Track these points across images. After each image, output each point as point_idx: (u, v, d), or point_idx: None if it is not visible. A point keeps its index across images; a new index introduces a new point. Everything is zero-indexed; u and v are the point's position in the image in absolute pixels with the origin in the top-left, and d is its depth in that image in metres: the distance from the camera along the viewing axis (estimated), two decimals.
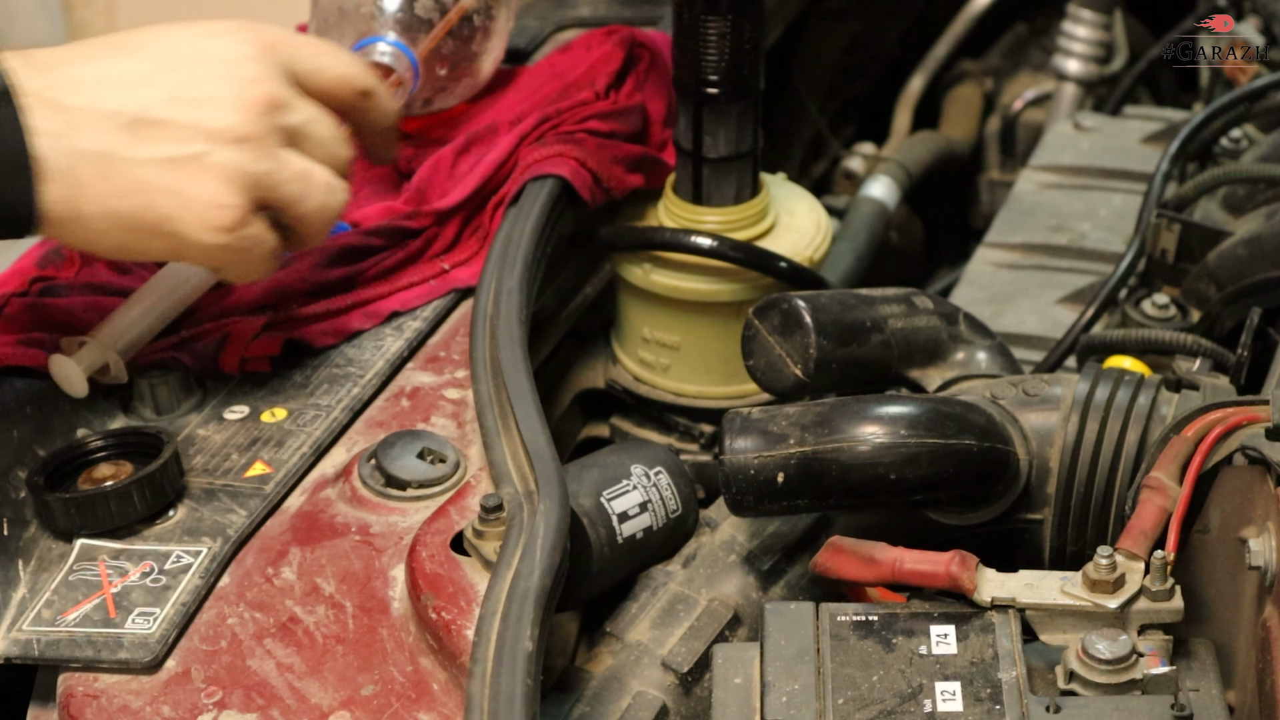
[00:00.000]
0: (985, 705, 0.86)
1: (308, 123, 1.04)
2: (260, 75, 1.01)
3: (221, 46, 1.02)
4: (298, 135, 1.03)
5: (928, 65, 1.96)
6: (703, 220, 1.26)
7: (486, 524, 0.96)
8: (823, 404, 1.02)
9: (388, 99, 1.14)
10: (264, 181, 1.01)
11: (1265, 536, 0.87)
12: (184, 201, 0.98)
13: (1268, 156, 1.37)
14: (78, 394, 1.08)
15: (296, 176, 1.02)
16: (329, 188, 1.05)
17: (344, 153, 1.07)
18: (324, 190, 1.04)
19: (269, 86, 1.01)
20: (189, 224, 0.99)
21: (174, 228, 0.99)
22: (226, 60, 1.01)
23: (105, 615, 0.96)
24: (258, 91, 1.01)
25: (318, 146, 1.05)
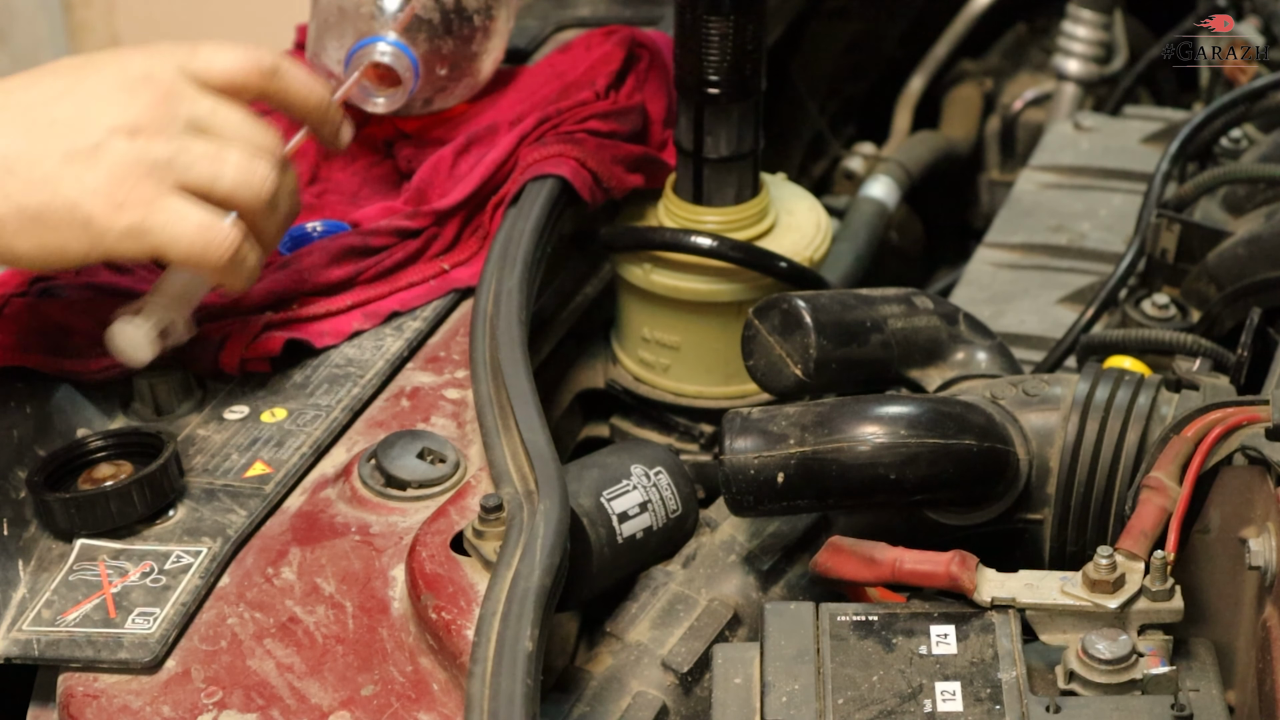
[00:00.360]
0: (985, 705, 0.86)
1: (211, 112, 1.05)
2: (151, 73, 1.04)
3: (112, 58, 1.05)
4: (202, 124, 1.04)
5: (928, 65, 1.95)
6: (703, 220, 1.26)
7: (486, 524, 0.96)
8: (823, 404, 1.02)
9: (301, 75, 1.12)
10: (170, 165, 1.02)
11: (1265, 536, 0.87)
12: (86, 188, 1.00)
13: (1268, 156, 1.37)
14: (143, 359, 1.08)
15: (205, 157, 1.03)
16: (245, 163, 1.04)
17: (260, 135, 1.07)
18: (238, 167, 1.04)
19: (161, 83, 1.04)
20: (96, 208, 1.00)
21: (83, 214, 1.00)
22: (117, 66, 1.04)
23: (105, 615, 0.96)
24: (152, 87, 1.03)
25: (228, 131, 1.05)
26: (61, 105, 1.02)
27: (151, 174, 1.02)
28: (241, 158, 1.05)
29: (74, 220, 1.00)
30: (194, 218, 1.03)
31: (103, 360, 1.11)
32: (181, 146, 1.03)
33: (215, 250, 1.03)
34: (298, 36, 1.44)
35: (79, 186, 1.00)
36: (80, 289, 1.16)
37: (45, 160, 1.00)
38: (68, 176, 1.00)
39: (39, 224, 1.00)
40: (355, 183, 1.34)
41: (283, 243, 1.24)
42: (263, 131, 1.07)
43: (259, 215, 1.06)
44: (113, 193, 1.01)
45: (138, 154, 1.01)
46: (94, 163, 1.01)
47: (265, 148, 1.07)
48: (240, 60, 1.08)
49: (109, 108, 1.02)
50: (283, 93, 1.11)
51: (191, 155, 1.03)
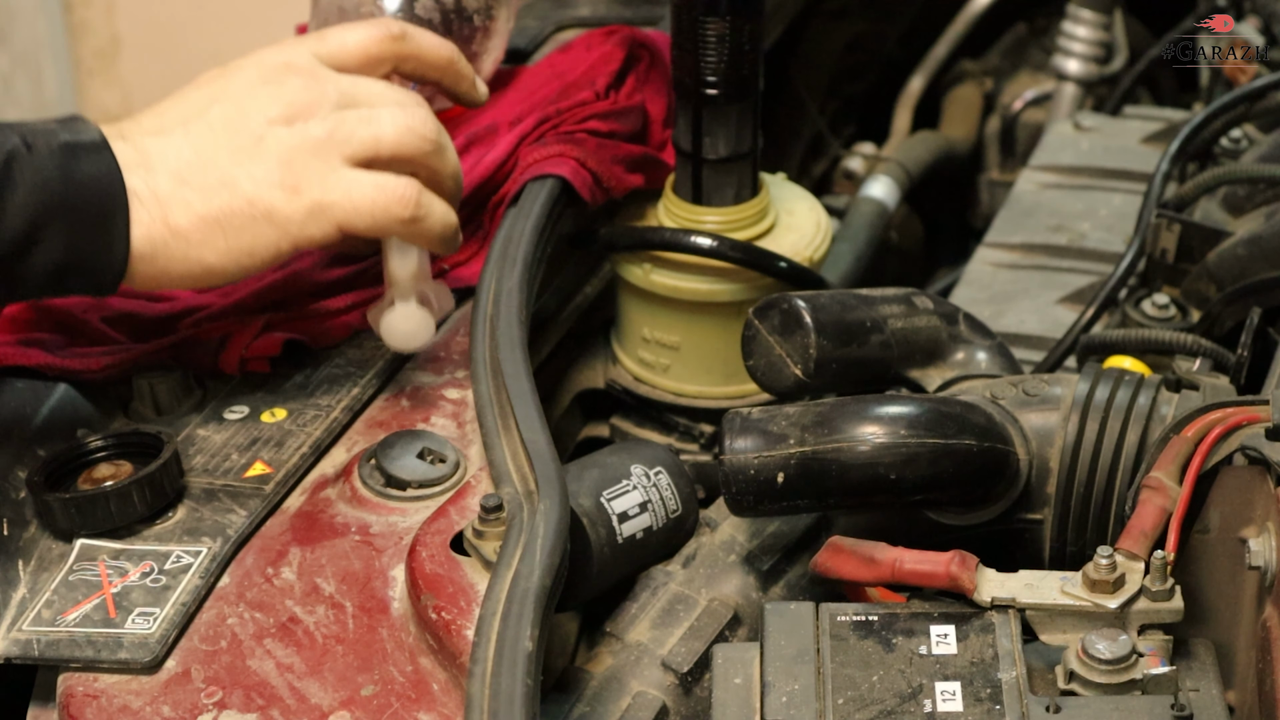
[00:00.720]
0: (985, 705, 0.86)
1: (354, 85, 1.06)
2: (291, 60, 1.06)
3: (249, 60, 1.07)
4: (349, 97, 1.06)
5: (928, 65, 1.96)
6: (703, 220, 1.26)
7: (486, 524, 0.96)
8: (823, 404, 1.02)
9: (428, 35, 1.13)
10: (331, 139, 1.04)
11: (1265, 536, 0.87)
12: (260, 181, 1.02)
13: (1268, 156, 1.37)
14: (425, 340, 1.10)
15: (361, 121, 1.05)
16: (401, 115, 1.06)
17: (405, 94, 1.08)
18: (395, 118, 1.05)
19: (304, 67, 1.05)
20: (275, 198, 1.02)
21: (264, 206, 1.02)
22: (254, 64, 1.06)
23: (105, 615, 0.96)
24: (294, 73, 1.05)
25: (375, 99, 1.06)
26: (214, 111, 1.03)
27: (317, 152, 1.03)
28: (396, 111, 1.06)
29: (256, 215, 1.02)
30: (368, 181, 1.04)
31: (103, 360, 1.11)
32: (338, 119, 1.04)
33: (397, 207, 1.04)
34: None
35: (253, 181, 1.02)
36: None
37: (214, 164, 1.02)
38: (240, 174, 1.02)
39: (223, 228, 1.01)
40: None
41: None
42: (406, 93, 1.09)
43: (431, 162, 1.07)
44: (286, 179, 1.02)
45: (299, 137, 1.03)
46: (261, 155, 1.02)
47: (415, 103, 1.08)
48: (369, 32, 1.10)
49: (260, 101, 1.04)
50: (415, 54, 1.12)
51: (349, 125, 1.04)
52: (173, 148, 1.02)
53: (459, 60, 1.15)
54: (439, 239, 1.08)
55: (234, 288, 1.18)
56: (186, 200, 1.01)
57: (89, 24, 3.22)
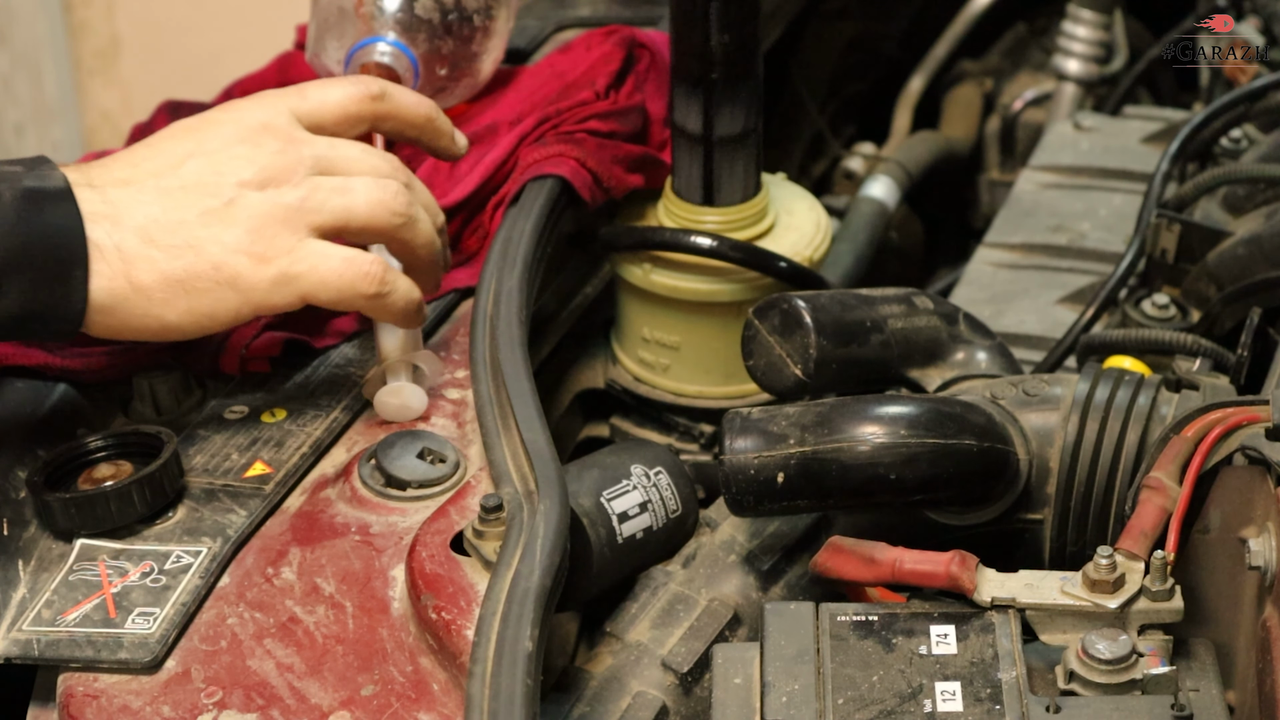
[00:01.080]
0: (985, 705, 0.86)
1: (330, 149, 1.06)
2: (268, 121, 1.05)
3: (226, 113, 1.06)
4: (325, 163, 1.05)
5: (928, 65, 1.95)
6: (703, 220, 1.26)
7: (486, 524, 0.96)
8: (823, 404, 1.02)
9: (407, 94, 1.13)
10: (303, 208, 1.03)
11: (1265, 536, 0.87)
12: (227, 245, 1.01)
13: (1268, 156, 1.37)
14: (416, 414, 1.09)
15: (335, 191, 1.04)
16: (375, 185, 1.05)
17: (382, 161, 1.08)
18: (368, 189, 1.05)
19: (280, 130, 1.05)
20: (240, 265, 1.01)
21: (229, 272, 1.01)
22: (233, 120, 1.05)
23: (105, 615, 0.96)
24: (272, 134, 1.04)
25: (351, 165, 1.06)
26: (188, 168, 1.02)
27: (288, 221, 1.02)
28: (370, 182, 1.05)
29: (221, 280, 1.01)
30: (336, 255, 1.03)
31: (103, 360, 1.11)
32: (311, 186, 1.04)
33: (362, 283, 1.04)
34: (298, 36, 1.44)
35: (220, 246, 1.01)
36: None
37: (183, 225, 1.00)
38: (207, 237, 1.01)
39: (186, 289, 1.00)
40: None
41: None
42: (383, 158, 1.08)
43: (402, 235, 1.06)
44: (254, 246, 1.01)
45: (271, 203, 1.02)
46: (231, 219, 1.01)
47: (389, 174, 1.07)
48: (349, 92, 1.09)
49: (234, 162, 1.03)
50: (394, 114, 1.11)
51: (322, 193, 1.04)
52: (141, 203, 1.00)
53: (437, 117, 1.14)
54: (401, 315, 1.07)
55: None
56: (151, 259, 0.99)
57: (89, 24, 3.22)
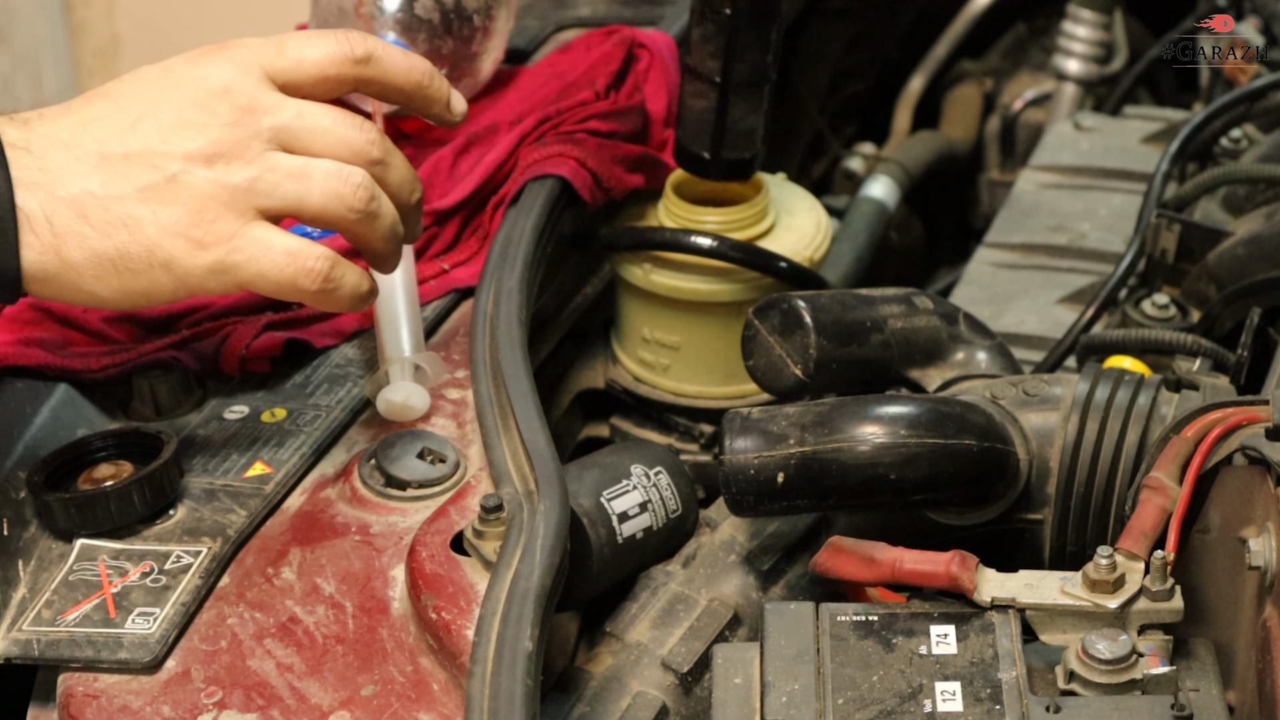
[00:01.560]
0: (985, 705, 0.86)
1: (296, 119, 0.98)
2: (230, 85, 0.97)
3: (191, 69, 0.99)
4: (286, 134, 0.98)
5: (928, 65, 1.95)
6: (703, 220, 1.26)
7: (486, 524, 0.96)
8: (823, 404, 1.02)
9: (397, 57, 1.03)
10: (252, 190, 0.96)
11: (1265, 536, 0.87)
12: (164, 226, 0.95)
13: (1268, 156, 1.37)
14: (418, 414, 1.08)
15: (289, 175, 0.97)
16: (334, 175, 0.98)
17: (355, 136, 1.00)
18: (327, 179, 0.98)
19: (241, 95, 0.97)
20: (176, 248, 0.95)
21: (164, 255, 0.95)
22: (195, 80, 0.98)
23: (105, 615, 0.96)
24: (229, 103, 0.97)
25: (316, 139, 0.99)
26: (136, 135, 0.96)
27: (232, 203, 0.96)
28: (330, 169, 0.98)
29: (154, 263, 0.95)
30: (281, 245, 0.97)
31: (103, 360, 1.11)
32: (265, 166, 0.97)
33: (304, 279, 0.98)
34: None
35: (156, 226, 0.95)
36: None
37: (120, 200, 0.94)
38: (144, 216, 0.95)
39: (117, 269, 0.95)
40: None
41: None
42: (357, 131, 1.00)
43: (358, 230, 1.00)
44: (192, 230, 0.95)
45: (216, 182, 0.95)
46: (171, 197, 0.95)
47: (361, 150, 1.00)
48: (330, 51, 1.01)
49: (185, 132, 0.96)
50: (380, 79, 1.02)
51: (275, 175, 0.97)
52: (79, 173, 0.94)
53: (429, 84, 1.04)
54: (346, 307, 1.01)
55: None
56: (83, 235, 0.94)
57: (89, 24, 3.22)
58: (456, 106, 1.07)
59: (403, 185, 1.03)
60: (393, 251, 1.04)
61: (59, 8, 3.17)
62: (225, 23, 3.02)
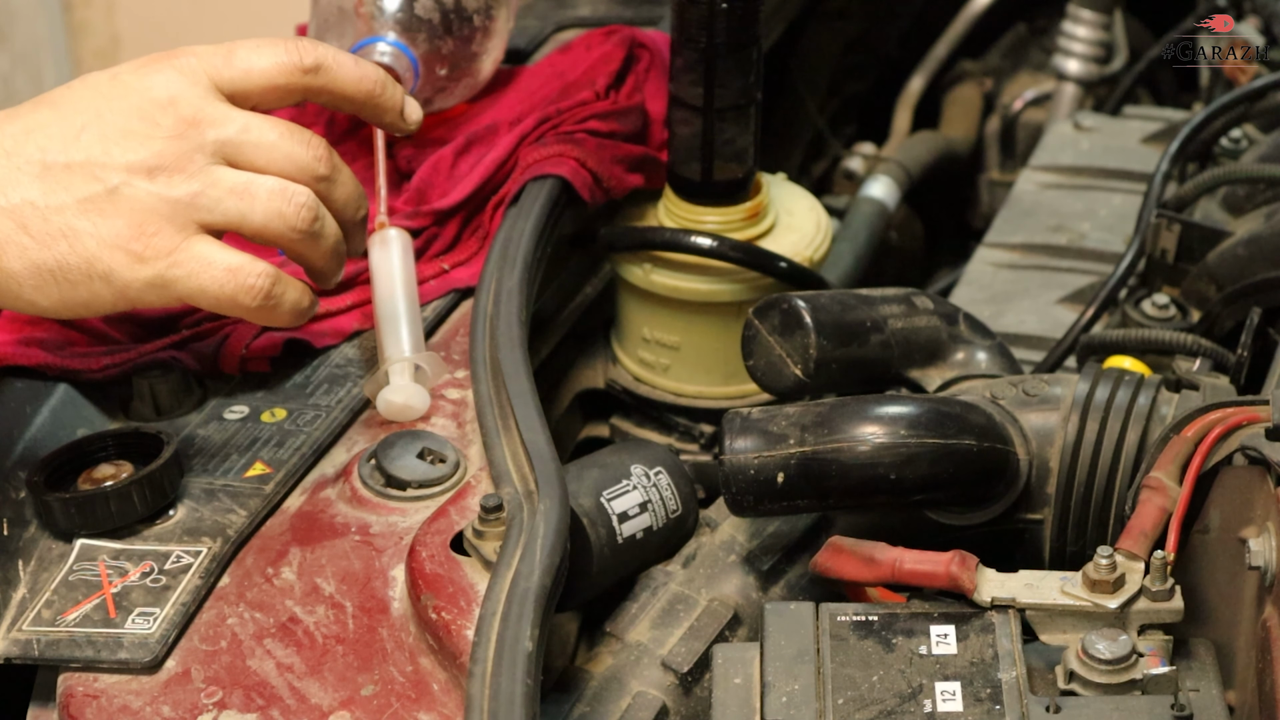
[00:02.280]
0: (985, 705, 0.86)
1: (241, 132, 0.98)
2: (176, 96, 0.97)
3: (137, 78, 0.98)
4: (231, 149, 0.98)
5: (928, 65, 1.95)
6: (703, 220, 1.26)
7: (486, 524, 0.96)
8: (823, 404, 1.02)
9: (347, 66, 1.03)
10: (193, 205, 0.96)
11: (1265, 536, 0.87)
12: (104, 239, 0.95)
13: (1268, 156, 1.37)
14: (418, 414, 1.08)
15: (232, 192, 0.97)
16: (278, 194, 0.98)
17: (301, 152, 1.00)
18: (270, 197, 0.98)
19: (186, 107, 0.97)
20: (116, 261, 0.95)
21: (103, 268, 0.95)
22: (140, 90, 0.97)
23: (105, 615, 0.96)
24: (173, 114, 0.97)
25: (261, 154, 0.99)
26: (79, 145, 0.96)
27: (173, 217, 0.96)
28: (274, 188, 0.98)
29: (93, 275, 0.95)
30: (222, 262, 0.97)
31: (103, 360, 1.11)
32: (208, 181, 0.97)
33: (245, 296, 0.98)
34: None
35: (96, 239, 0.95)
36: None
37: (61, 211, 0.95)
38: (83, 228, 0.95)
39: (58, 280, 0.95)
40: None
41: None
42: (304, 147, 1.00)
43: (300, 249, 1.01)
44: (132, 243, 0.95)
45: (158, 195, 0.96)
46: (111, 210, 0.95)
47: (307, 167, 1.00)
48: (278, 60, 1.01)
49: (128, 143, 0.96)
50: (330, 88, 1.03)
51: (218, 191, 0.97)
52: (19, 183, 0.94)
53: (381, 93, 1.05)
54: (287, 321, 1.02)
55: None
56: (22, 245, 0.94)
57: (89, 24, 3.22)
58: (411, 115, 1.09)
59: (348, 203, 1.04)
60: (334, 269, 1.05)
61: (59, 8, 3.17)
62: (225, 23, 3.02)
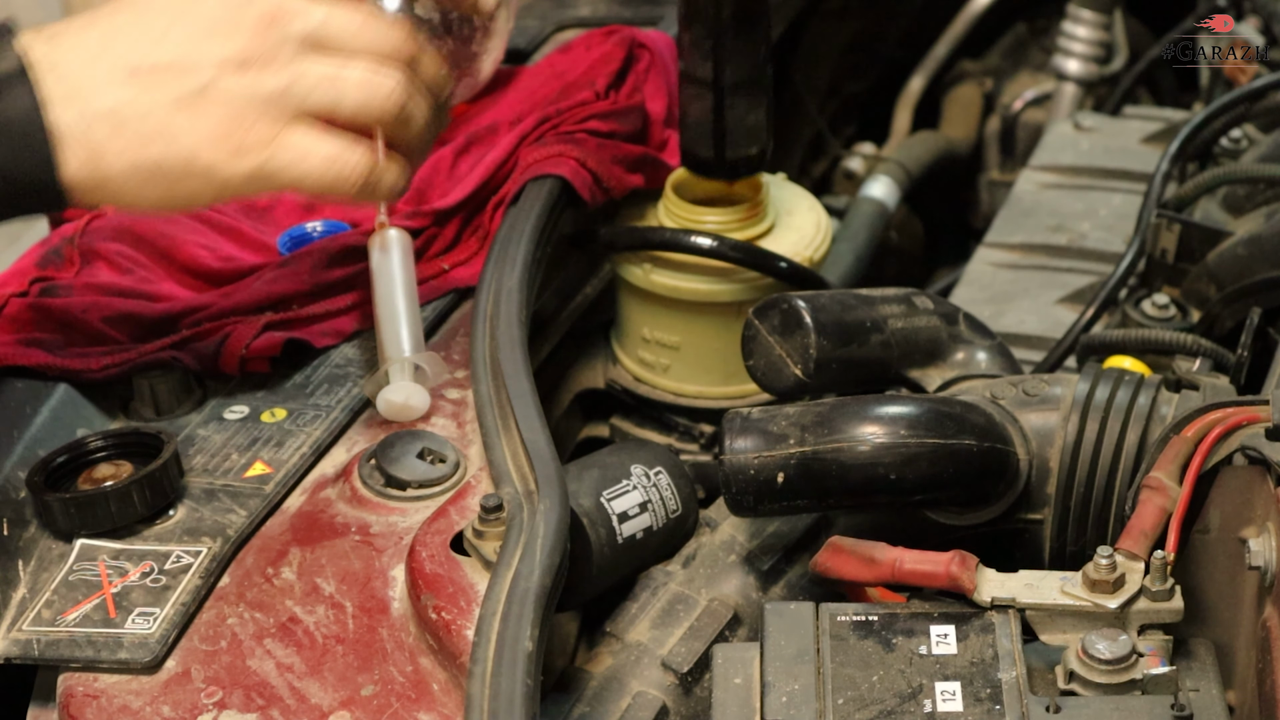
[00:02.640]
0: (985, 705, 0.86)
1: (324, 23, 0.98)
2: None
3: None
4: (316, 39, 0.98)
5: (928, 65, 1.96)
6: (703, 220, 1.26)
7: (486, 524, 0.96)
8: (823, 404, 1.02)
9: None
10: (286, 95, 0.97)
11: (1265, 536, 0.87)
12: (201, 136, 0.95)
13: (1268, 156, 1.37)
14: (419, 413, 1.09)
15: (322, 81, 0.98)
16: (366, 82, 0.98)
17: (385, 37, 1.00)
18: (359, 86, 0.98)
19: (266, 2, 0.97)
20: (214, 157, 0.96)
21: (201, 164, 0.96)
22: None
23: (105, 615, 0.96)
24: (254, 10, 0.97)
25: (346, 42, 0.99)
26: (165, 46, 0.96)
27: (268, 109, 0.96)
28: (363, 74, 0.99)
29: (194, 171, 0.96)
30: (319, 151, 0.98)
31: (103, 360, 1.11)
32: (297, 72, 0.97)
33: (345, 182, 0.99)
34: None
35: (194, 135, 0.95)
36: (80, 289, 1.16)
37: (156, 110, 0.95)
38: (181, 125, 0.95)
39: (156, 180, 0.96)
40: None
41: (282, 243, 1.24)
42: (387, 33, 1.00)
43: (393, 129, 1.01)
44: (230, 137, 0.96)
45: (250, 89, 0.96)
46: (206, 106, 0.95)
47: (391, 52, 1.00)
48: None
49: (214, 41, 0.96)
50: None
51: (309, 80, 0.97)
52: (112, 84, 0.94)
53: None
54: (384, 198, 1.03)
55: (234, 288, 1.18)
56: (120, 148, 0.94)
57: None
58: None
59: (434, 82, 1.04)
60: (425, 148, 1.05)
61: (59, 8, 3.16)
62: None
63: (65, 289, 1.16)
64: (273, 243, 1.25)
